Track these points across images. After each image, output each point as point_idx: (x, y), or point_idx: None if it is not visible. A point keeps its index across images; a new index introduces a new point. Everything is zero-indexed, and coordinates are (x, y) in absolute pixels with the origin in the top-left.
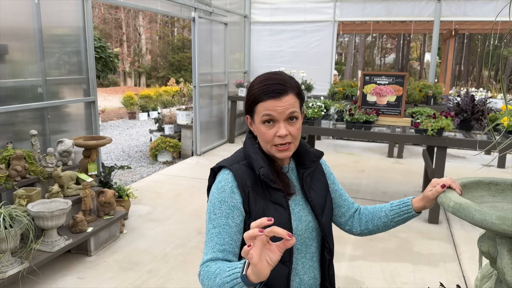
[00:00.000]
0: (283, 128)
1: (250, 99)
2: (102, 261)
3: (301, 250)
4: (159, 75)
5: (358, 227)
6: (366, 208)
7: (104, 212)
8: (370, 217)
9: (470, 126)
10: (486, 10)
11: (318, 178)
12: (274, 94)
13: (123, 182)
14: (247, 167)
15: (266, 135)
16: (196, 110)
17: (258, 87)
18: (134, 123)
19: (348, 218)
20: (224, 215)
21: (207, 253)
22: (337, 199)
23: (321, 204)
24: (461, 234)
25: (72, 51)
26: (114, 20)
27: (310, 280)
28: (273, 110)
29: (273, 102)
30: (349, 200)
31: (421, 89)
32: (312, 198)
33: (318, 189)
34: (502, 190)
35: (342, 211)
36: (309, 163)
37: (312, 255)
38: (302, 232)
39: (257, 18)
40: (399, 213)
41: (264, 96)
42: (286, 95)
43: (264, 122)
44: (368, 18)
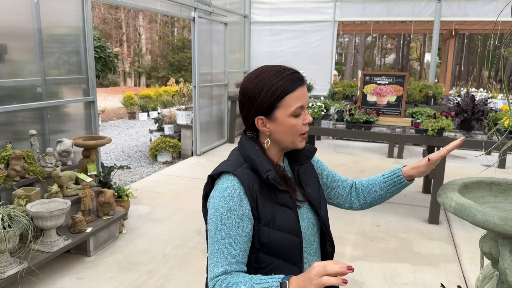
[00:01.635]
0: (308, 114)
1: (276, 93)
2: (101, 261)
3: (307, 248)
4: (159, 75)
5: (357, 203)
6: (361, 182)
7: (104, 212)
8: (366, 192)
9: (470, 126)
10: (487, 10)
11: (310, 173)
12: (301, 82)
13: (123, 182)
14: (250, 170)
15: (296, 126)
16: (196, 110)
17: (282, 79)
18: (134, 123)
19: (346, 196)
20: (233, 225)
21: (218, 266)
22: (330, 182)
23: (318, 199)
24: (462, 234)
25: (72, 50)
26: (114, 20)
27: None
28: (303, 98)
29: (301, 90)
30: (341, 179)
31: (421, 89)
32: (310, 194)
33: (313, 184)
34: (504, 190)
35: (338, 192)
36: (303, 159)
37: (315, 250)
38: (306, 230)
39: (257, 18)
40: (392, 184)
41: (293, 86)
42: (304, 83)
43: (295, 115)
44: (368, 18)
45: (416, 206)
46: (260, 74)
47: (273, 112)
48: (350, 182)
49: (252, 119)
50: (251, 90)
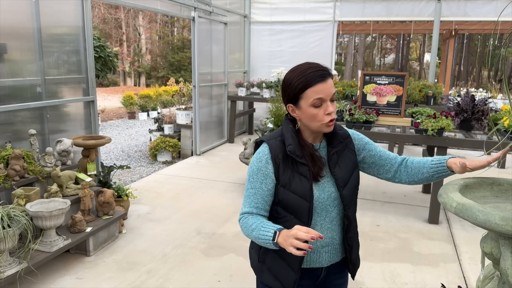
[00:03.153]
0: (331, 106)
1: (298, 87)
2: (101, 261)
3: (321, 214)
4: (159, 75)
5: (406, 179)
6: (412, 162)
7: (103, 212)
8: (415, 172)
9: (470, 126)
10: (486, 10)
11: (346, 156)
12: (321, 78)
13: (123, 182)
14: (281, 142)
15: (317, 115)
16: (196, 110)
17: (305, 75)
18: (133, 123)
19: (394, 172)
20: (259, 180)
21: (245, 206)
22: (378, 161)
23: (344, 179)
24: (462, 234)
25: (71, 50)
26: (114, 20)
27: (327, 239)
28: (322, 92)
29: (322, 85)
30: (390, 157)
31: (421, 89)
32: (336, 173)
33: (344, 166)
34: (505, 190)
35: (386, 169)
36: (336, 143)
37: (332, 219)
38: (324, 200)
39: (257, 18)
40: (437, 171)
41: (314, 81)
42: (328, 78)
43: (315, 106)
44: (368, 18)
45: (416, 206)
46: (294, 69)
47: (298, 102)
48: (399, 160)
49: (286, 105)
50: (285, 82)
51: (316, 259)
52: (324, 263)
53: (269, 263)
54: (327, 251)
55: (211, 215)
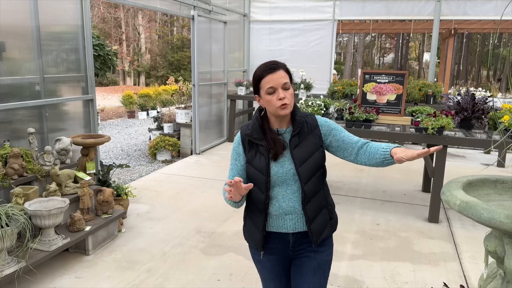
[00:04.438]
0: (281, 93)
1: (255, 79)
2: (100, 260)
3: (282, 186)
4: (159, 74)
5: (365, 162)
6: (371, 147)
7: (102, 211)
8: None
9: (470, 125)
10: (486, 9)
11: (309, 139)
12: (271, 71)
13: (122, 181)
14: (248, 129)
15: (272, 101)
16: (196, 108)
17: (259, 70)
18: (133, 122)
19: (356, 155)
20: (234, 158)
21: (227, 178)
22: (341, 145)
23: (301, 158)
24: (462, 233)
25: (70, 48)
26: (113, 19)
27: (288, 208)
28: (272, 81)
29: (271, 76)
30: (352, 141)
31: (420, 88)
32: (294, 153)
33: (304, 147)
34: (508, 188)
35: (349, 152)
36: (295, 128)
37: (293, 191)
38: (282, 175)
39: (256, 17)
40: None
41: (265, 73)
42: (278, 70)
43: (268, 93)
44: (367, 17)
45: (416, 205)
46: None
47: (259, 92)
48: (360, 144)
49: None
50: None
51: (281, 224)
52: (290, 229)
53: (247, 226)
54: (291, 218)
55: (211, 214)
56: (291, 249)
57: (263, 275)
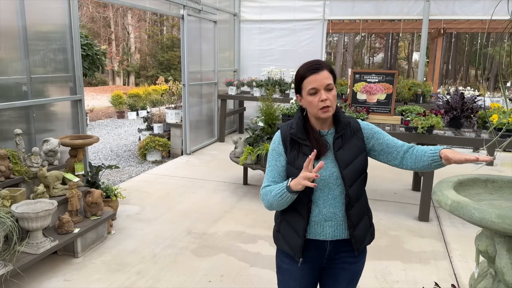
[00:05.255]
0: (324, 94)
1: (297, 79)
2: (89, 263)
3: (324, 190)
4: (148, 74)
5: (411, 166)
6: (417, 150)
7: (91, 213)
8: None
9: (459, 124)
10: (474, 9)
11: (352, 142)
12: (314, 71)
13: (111, 182)
14: (291, 128)
15: (313, 102)
16: (186, 108)
17: (302, 69)
18: (122, 122)
19: (401, 159)
20: (274, 158)
21: (265, 182)
22: (385, 148)
23: (345, 161)
24: (452, 232)
25: (58, 48)
26: (102, 18)
27: (328, 213)
28: (315, 82)
29: (314, 76)
30: (397, 145)
31: (410, 88)
32: (338, 155)
33: (348, 149)
34: (499, 187)
35: (394, 156)
36: (339, 129)
37: (335, 196)
38: (325, 178)
39: (246, 17)
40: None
41: (308, 73)
42: (322, 70)
43: (310, 94)
44: (357, 16)
45: (406, 203)
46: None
47: (301, 92)
48: (406, 148)
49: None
50: (295, 76)
51: (320, 231)
52: (328, 236)
53: (283, 231)
54: (330, 225)
55: (202, 214)
56: (326, 258)
57: (288, 285)
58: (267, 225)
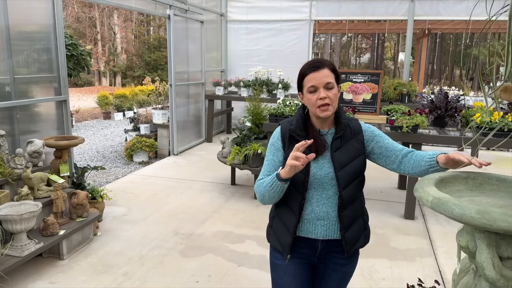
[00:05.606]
0: (323, 92)
1: (299, 76)
2: (75, 265)
3: (318, 189)
4: (135, 75)
5: (409, 170)
6: (416, 155)
7: (77, 214)
8: (416, 164)
9: (444, 122)
10: (458, 10)
11: (351, 144)
12: (314, 69)
13: (98, 184)
14: (290, 124)
15: (311, 100)
16: (173, 109)
17: (304, 67)
18: (109, 123)
19: (399, 163)
20: (272, 153)
21: (260, 175)
22: (384, 152)
23: (342, 162)
24: (437, 229)
25: (42, 48)
26: (88, 18)
27: (321, 212)
28: (314, 80)
29: (314, 74)
30: (396, 149)
31: (395, 87)
32: (335, 156)
33: (346, 151)
34: (479, 184)
35: (392, 160)
36: (339, 130)
37: (329, 196)
38: (320, 177)
39: (233, 17)
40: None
41: (308, 71)
42: (322, 68)
43: (310, 92)
44: (343, 17)
45: (392, 202)
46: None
47: (302, 89)
48: (405, 152)
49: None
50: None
51: (312, 230)
52: (320, 235)
53: (275, 227)
54: (323, 224)
55: (189, 215)
56: (317, 256)
57: (283, 282)
58: (255, 225)
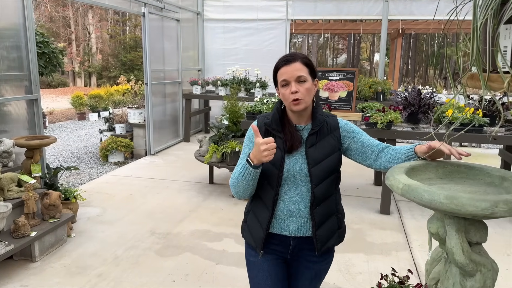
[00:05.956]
0: (294, 86)
1: (273, 70)
2: (48, 267)
3: (291, 185)
4: (111, 75)
5: (385, 165)
6: (393, 149)
7: (50, 215)
8: (393, 158)
9: (417, 119)
10: (431, 10)
11: (326, 140)
12: (286, 62)
13: (72, 185)
14: (267, 118)
15: (284, 94)
16: (149, 108)
17: (277, 61)
18: (83, 124)
19: (375, 159)
20: (247, 147)
21: (235, 169)
22: (360, 148)
23: (315, 158)
24: (412, 223)
25: (11, 46)
26: (62, 18)
27: (293, 209)
28: (285, 74)
29: (285, 68)
30: (373, 144)
31: (371, 86)
32: (309, 152)
33: (321, 147)
34: (449, 172)
35: (368, 155)
36: (315, 126)
37: (301, 193)
38: (294, 173)
39: (210, 16)
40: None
41: (280, 65)
42: (294, 62)
43: (282, 86)
44: (319, 16)
45: (368, 197)
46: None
47: (277, 84)
48: (381, 148)
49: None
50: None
51: (284, 226)
52: (292, 232)
53: (249, 222)
54: (294, 221)
55: (166, 215)
56: (290, 253)
57: (258, 279)
58: (233, 223)
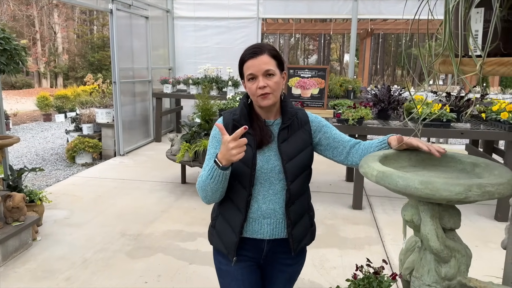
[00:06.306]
0: (262, 81)
1: (239, 63)
2: (11, 272)
3: (265, 184)
4: (78, 75)
5: (357, 161)
6: (364, 144)
7: (13, 218)
8: (365, 152)
9: (387, 115)
10: (399, 9)
11: (298, 135)
12: (252, 55)
13: (37, 187)
14: (234, 114)
15: (251, 89)
16: (118, 107)
17: (243, 53)
18: (49, 125)
19: (346, 154)
20: (213, 146)
21: (202, 171)
22: (332, 143)
23: (289, 154)
24: (384, 218)
25: None
26: (25, 17)
27: (268, 210)
28: (252, 67)
29: (252, 61)
30: (343, 140)
31: (341, 84)
32: (282, 147)
33: (293, 142)
34: (422, 160)
35: (339, 151)
36: (285, 120)
37: (276, 192)
38: (267, 171)
39: (180, 13)
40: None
41: (246, 57)
42: (261, 54)
43: (249, 80)
44: (290, 15)
45: (341, 193)
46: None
47: (243, 78)
48: (352, 143)
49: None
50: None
51: (258, 229)
52: (266, 235)
53: (218, 227)
54: (269, 223)
55: (137, 216)
56: (263, 258)
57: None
58: (206, 222)
